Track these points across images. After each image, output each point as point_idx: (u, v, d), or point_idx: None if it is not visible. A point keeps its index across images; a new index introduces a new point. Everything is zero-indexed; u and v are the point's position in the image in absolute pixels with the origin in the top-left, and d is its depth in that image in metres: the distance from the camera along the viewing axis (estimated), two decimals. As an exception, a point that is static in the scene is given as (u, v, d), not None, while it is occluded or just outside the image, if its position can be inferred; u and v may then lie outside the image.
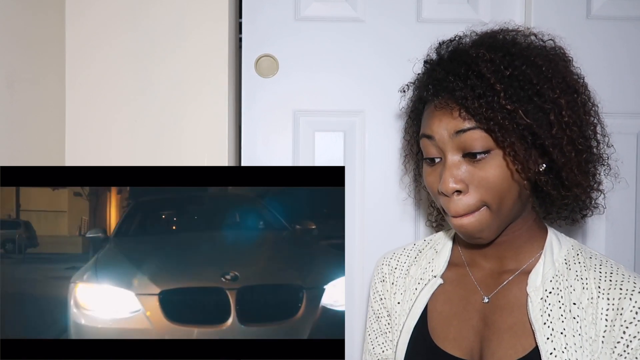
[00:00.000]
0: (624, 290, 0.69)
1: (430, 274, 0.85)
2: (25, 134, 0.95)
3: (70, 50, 1.10)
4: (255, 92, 1.17)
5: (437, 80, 0.74)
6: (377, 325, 0.91)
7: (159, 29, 1.10)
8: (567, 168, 0.70)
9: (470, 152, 0.70)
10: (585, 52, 0.98)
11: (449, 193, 0.71)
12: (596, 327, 0.69)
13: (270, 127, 1.18)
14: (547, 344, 0.69)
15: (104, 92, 1.10)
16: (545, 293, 0.73)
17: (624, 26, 1.16)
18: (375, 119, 1.17)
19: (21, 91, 0.94)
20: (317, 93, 1.17)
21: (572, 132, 0.69)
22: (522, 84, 0.68)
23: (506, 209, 0.71)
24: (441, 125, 0.72)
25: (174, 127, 1.11)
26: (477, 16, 1.16)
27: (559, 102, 0.68)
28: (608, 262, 0.75)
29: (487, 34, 0.77)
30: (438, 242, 0.89)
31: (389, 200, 1.17)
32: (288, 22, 1.17)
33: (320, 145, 1.18)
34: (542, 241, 0.78)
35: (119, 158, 1.11)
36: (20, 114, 0.94)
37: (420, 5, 1.17)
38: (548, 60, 0.71)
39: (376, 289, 0.92)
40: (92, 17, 1.10)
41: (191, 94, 1.11)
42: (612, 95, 1.12)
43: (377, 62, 1.17)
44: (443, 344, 0.78)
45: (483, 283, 0.80)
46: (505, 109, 0.67)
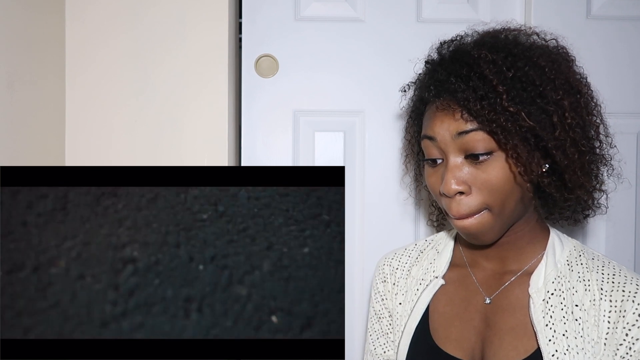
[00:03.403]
0: (626, 293, 0.69)
1: (432, 274, 0.85)
2: (25, 134, 0.95)
3: (70, 50, 1.10)
4: (255, 92, 1.17)
5: (439, 81, 0.73)
6: (379, 326, 0.91)
7: (159, 29, 1.10)
8: (570, 170, 0.69)
9: (472, 153, 0.69)
10: (585, 52, 0.98)
11: (451, 194, 0.71)
12: (598, 329, 0.69)
13: (270, 127, 1.17)
14: (549, 346, 0.69)
15: (104, 92, 1.10)
16: (547, 294, 0.73)
17: (624, 26, 1.16)
18: (375, 119, 1.17)
19: (21, 91, 0.94)
20: (317, 93, 1.17)
21: (575, 133, 0.68)
22: (524, 86, 0.68)
23: (508, 211, 0.71)
24: (443, 127, 0.71)
25: (174, 127, 1.11)
26: (477, 16, 1.16)
27: (562, 104, 0.68)
28: (611, 263, 0.75)
29: (488, 33, 0.76)
30: (439, 242, 0.89)
31: (389, 200, 1.17)
32: (288, 22, 1.17)
33: (320, 145, 1.18)
34: (544, 242, 0.78)
35: (119, 158, 1.11)
36: (20, 114, 0.94)
37: (420, 5, 1.16)
38: (551, 61, 0.70)
39: (377, 289, 0.92)
40: (92, 17, 1.10)
41: (191, 94, 1.11)
42: (612, 95, 1.12)
43: (377, 62, 1.16)
44: (444, 344, 0.78)
45: (485, 284, 0.80)
46: (507, 111, 0.66)
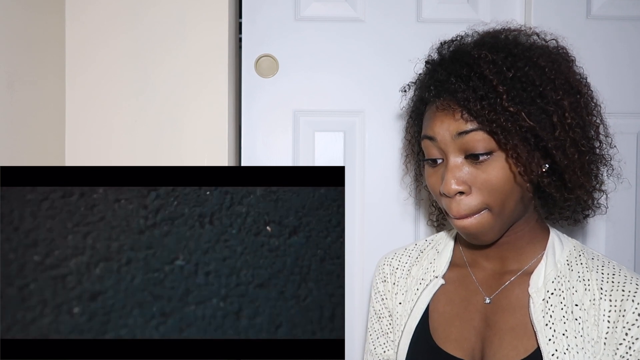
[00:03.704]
0: (626, 292, 0.70)
1: (432, 274, 0.85)
2: (25, 134, 0.95)
3: (70, 50, 1.10)
4: (255, 92, 1.17)
5: (439, 81, 0.73)
6: (379, 326, 0.91)
7: (159, 29, 1.10)
8: (570, 170, 0.69)
9: (472, 153, 0.69)
10: (585, 52, 0.98)
11: (451, 194, 0.71)
12: (598, 329, 0.69)
13: (270, 127, 1.17)
14: (549, 345, 0.69)
15: (104, 92, 1.10)
16: (547, 294, 0.73)
17: (624, 26, 1.16)
18: (375, 119, 1.17)
19: (21, 91, 0.94)
20: (317, 93, 1.17)
21: (575, 133, 0.68)
22: (524, 86, 0.68)
23: (508, 211, 0.71)
24: (443, 127, 0.71)
25: (174, 127, 1.11)
26: (477, 16, 1.16)
27: (562, 104, 0.68)
28: (610, 263, 0.75)
29: (489, 33, 0.76)
30: (439, 242, 0.89)
31: (389, 200, 1.17)
32: (288, 22, 1.17)
33: (320, 145, 1.18)
34: (544, 242, 0.78)
35: (119, 158, 1.11)
36: (20, 114, 0.94)
37: (420, 5, 1.16)
38: (551, 61, 0.70)
39: (377, 289, 0.92)
40: (92, 17, 1.10)
41: (191, 94, 1.11)
42: (612, 95, 1.12)
43: (377, 62, 1.16)
44: (444, 344, 0.78)
45: (485, 284, 0.80)
46: (507, 111, 0.66)
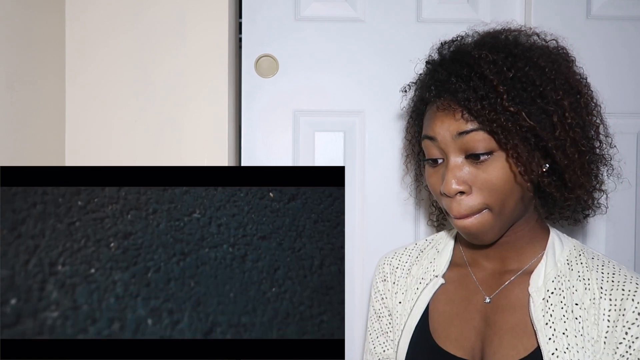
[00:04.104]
0: (626, 291, 0.70)
1: (432, 273, 0.85)
2: (25, 134, 0.95)
3: (70, 50, 1.10)
4: (255, 92, 1.17)
5: (440, 82, 0.74)
6: (379, 325, 0.91)
7: (159, 29, 1.10)
8: (570, 170, 0.69)
9: (472, 153, 0.70)
10: (585, 52, 0.98)
11: (452, 194, 0.71)
12: (598, 328, 0.69)
13: (270, 127, 1.17)
14: (549, 345, 0.69)
15: (104, 92, 1.10)
16: (547, 293, 0.73)
17: (624, 26, 1.16)
18: (375, 119, 1.17)
19: (21, 91, 0.94)
20: (317, 93, 1.17)
21: (575, 133, 0.69)
22: (525, 86, 0.68)
23: (509, 211, 0.71)
24: (443, 127, 0.72)
25: (174, 127, 1.11)
26: (477, 16, 1.16)
27: (562, 104, 0.68)
28: (610, 262, 0.75)
29: (489, 33, 0.77)
30: (440, 242, 0.89)
31: (389, 200, 1.17)
32: (288, 22, 1.17)
33: (320, 145, 1.18)
34: (544, 242, 0.78)
35: (119, 158, 1.11)
36: (20, 114, 0.94)
37: (420, 5, 1.17)
38: (551, 61, 0.71)
39: (377, 288, 0.92)
40: (92, 17, 1.10)
41: (191, 93, 1.11)
42: (612, 95, 1.12)
43: (377, 62, 1.16)
44: (444, 344, 0.78)
45: (485, 283, 0.80)
46: (508, 111, 0.66)
